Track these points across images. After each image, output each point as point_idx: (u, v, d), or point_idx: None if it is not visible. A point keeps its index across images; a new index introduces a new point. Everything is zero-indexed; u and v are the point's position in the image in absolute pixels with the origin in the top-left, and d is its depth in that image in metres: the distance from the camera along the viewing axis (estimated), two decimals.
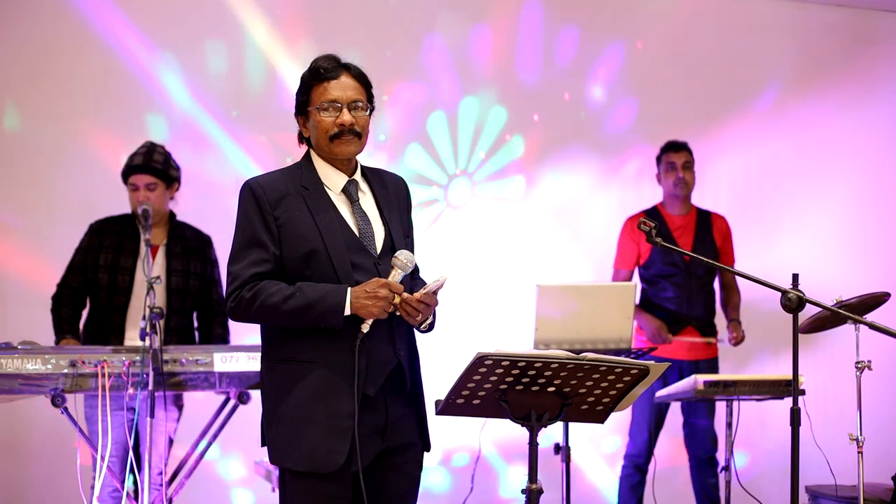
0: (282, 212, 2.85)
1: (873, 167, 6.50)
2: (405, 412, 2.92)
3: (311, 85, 2.91)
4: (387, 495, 2.90)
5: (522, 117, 5.95)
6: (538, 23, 5.99)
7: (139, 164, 4.39)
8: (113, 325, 4.35)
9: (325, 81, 2.89)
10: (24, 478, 5.12)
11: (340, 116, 2.88)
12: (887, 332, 3.05)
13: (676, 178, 5.18)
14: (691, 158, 5.24)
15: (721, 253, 5.27)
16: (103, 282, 4.36)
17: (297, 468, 2.82)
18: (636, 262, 5.22)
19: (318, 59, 2.95)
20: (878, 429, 4.81)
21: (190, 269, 4.45)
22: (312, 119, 2.91)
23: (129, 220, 4.46)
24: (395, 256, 2.84)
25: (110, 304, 4.36)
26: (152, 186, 4.38)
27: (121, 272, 4.36)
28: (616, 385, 2.82)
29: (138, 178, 4.38)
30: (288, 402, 2.82)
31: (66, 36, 5.20)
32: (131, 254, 4.38)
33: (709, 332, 5.24)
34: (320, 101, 2.89)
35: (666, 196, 5.28)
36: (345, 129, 2.88)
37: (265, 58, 5.49)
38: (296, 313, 2.78)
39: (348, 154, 2.93)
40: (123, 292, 4.35)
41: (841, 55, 6.45)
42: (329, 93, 2.89)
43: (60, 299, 4.43)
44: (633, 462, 5.15)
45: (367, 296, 2.77)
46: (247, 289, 2.81)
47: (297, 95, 2.96)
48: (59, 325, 4.38)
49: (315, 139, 2.93)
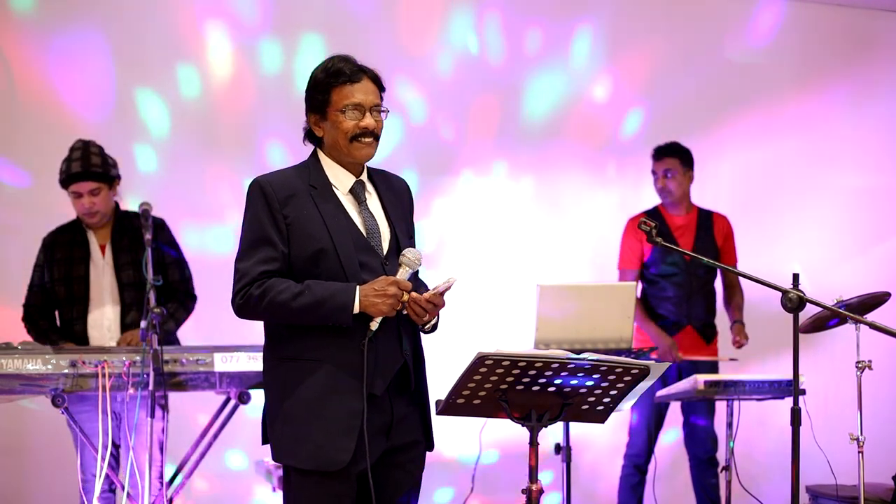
0: (291, 210, 2.85)
1: (873, 167, 6.50)
2: (409, 411, 2.93)
3: (331, 86, 2.89)
4: (389, 494, 2.91)
5: (523, 117, 5.95)
6: (538, 22, 5.98)
7: (78, 172, 4.25)
8: (77, 336, 4.29)
9: (348, 84, 2.88)
10: (24, 478, 5.12)
11: (364, 120, 2.88)
12: (887, 331, 3.05)
13: (658, 187, 5.22)
14: (677, 165, 5.18)
15: (722, 252, 5.27)
16: (61, 295, 4.31)
17: (302, 466, 2.81)
18: (640, 260, 5.23)
19: (335, 59, 2.93)
20: (878, 429, 4.80)
21: (140, 259, 4.19)
22: (331, 120, 2.90)
23: (77, 227, 4.38)
24: (403, 254, 2.85)
25: (71, 315, 4.31)
26: (96, 191, 4.27)
27: (76, 282, 4.31)
28: (616, 385, 2.82)
29: (80, 185, 4.26)
30: (294, 400, 2.82)
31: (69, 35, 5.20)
32: (83, 261, 4.32)
33: (709, 332, 5.24)
34: (343, 104, 2.88)
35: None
36: (367, 131, 2.89)
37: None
38: (305, 311, 2.78)
39: (367, 157, 2.94)
40: (80, 301, 4.30)
41: (841, 55, 6.45)
42: (353, 96, 2.88)
43: (31, 317, 4.37)
44: (633, 462, 5.15)
45: (375, 294, 2.78)
46: (255, 286, 2.81)
47: (314, 94, 2.92)
48: (46, 338, 4.29)
49: (332, 140, 2.92)
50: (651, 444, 5.13)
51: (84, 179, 4.26)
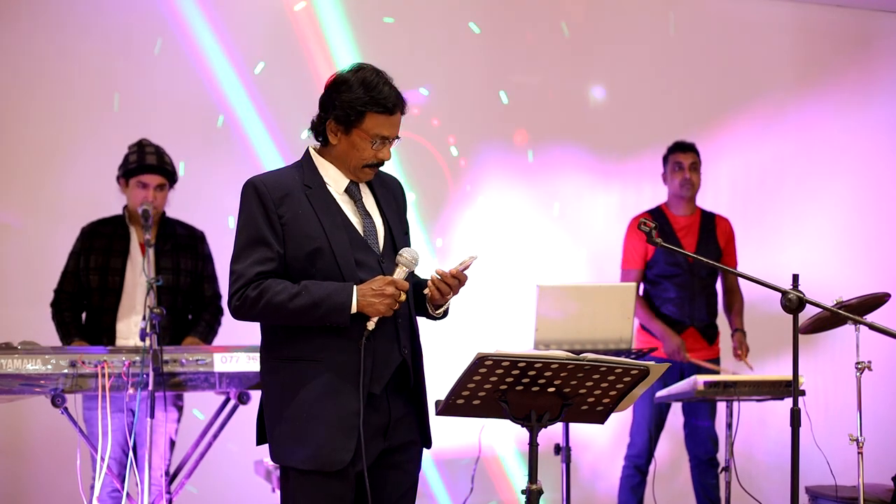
0: (286, 210, 2.85)
1: (873, 168, 6.50)
2: (407, 411, 2.93)
3: (367, 109, 2.82)
4: (386, 494, 2.90)
5: (523, 117, 5.94)
6: (538, 22, 5.98)
7: (153, 165, 4.36)
8: (104, 326, 4.34)
9: (386, 115, 2.85)
10: (24, 478, 5.12)
11: (382, 151, 2.88)
12: (887, 332, 3.05)
13: (683, 178, 5.19)
14: (698, 160, 5.25)
15: (724, 254, 5.27)
16: (94, 284, 4.35)
17: (302, 467, 2.81)
18: (644, 261, 5.23)
19: (378, 79, 2.85)
20: (878, 429, 4.81)
21: (180, 267, 4.43)
22: (353, 139, 2.86)
23: (119, 221, 4.44)
24: (400, 254, 2.85)
25: (101, 305, 4.35)
26: (161, 187, 4.37)
27: (111, 273, 4.35)
28: (616, 385, 2.82)
29: (150, 177, 4.35)
30: (294, 401, 2.81)
31: (68, 36, 5.19)
32: (121, 255, 4.37)
33: (711, 333, 5.24)
34: (373, 134, 2.85)
35: (671, 196, 5.29)
36: (379, 161, 2.89)
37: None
38: (302, 311, 2.77)
39: (367, 179, 2.95)
40: (113, 293, 4.34)
41: (841, 56, 6.45)
42: (385, 129, 2.86)
43: (60, 304, 4.42)
44: (634, 463, 5.15)
45: (373, 293, 2.78)
46: (252, 287, 2.80)
47: (347, 108, 2.83)
48: (65, 329, 4.37)
49: (343, 154, 2.89)
50: (652, 444, 5.12)
51: (155, 172, 4.36)
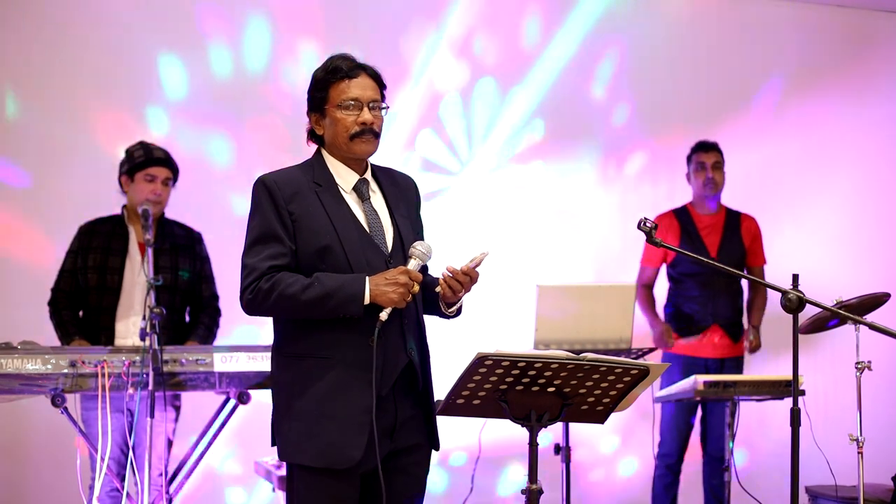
0: (296, 207, 2.85)
1: (873, 167, 6.50)
2: (414, 413, 2.92)
3: (329, 83, 2.90)
4: (393, 497, 2.88)
5: (523, 117, 5.94)
6: (538, 22, 5.98)
7: (161, 158, 4.38)
8: (103, 326, 4.33)
9: (345, 80, 2.89)
10: (24, 478, 5.12)
11: (361, 115, 2.89)
12: (887, 332, 3.05)
13: (706, 177, 5.25)
14: (721, 159, 5.32)
15: (749, 253, 5.33)
16: (92, 282, 4.34)
17: (312, 464, 2.80)
18: (663, 259, 5.26)
19: (334, 57, 2.95)
20: (878, 429, 4.81)
21: (178, 266, 4.43)
22: (330, 117, 2.91)
23: (117, 220, 4.44)
24: (414, 246, 2.86)
25: (100, 304, 4.35)
26: (167, 181, 4.38)
27: (109, 272, 4.34)
28: (616, 385, 2.82)
29: (159, 170, 4.36)
30: (304, 398, 2.81)
31: (74, 27, 5.19)
32: (119, 254, 4.37)
33: (735, 331, 5.26)
34: (340, 99, 2.89)
35: (695, 196, 5.35)
36: (366, 127, 2.89)
37: (266, 56, 5.49)
38: (315, 303, 2.77)
39: (367, 153, 2.94)
40: (112, 292, 4.34)
41: (841, 55, 6.45)
42: (350, 91, 2.89)
43: (57, 303, 4.41)
44: (665, 462, 5.17)
45: (386, 282, 2.78)
46: (264, 280, 2.80)
47: (312, 93, 2.94)
48: (63, 328, 4.36)
49: (332, 137, 2.93)
50: (683, 444, 5.14)
51: (162, 165, 4.37)
